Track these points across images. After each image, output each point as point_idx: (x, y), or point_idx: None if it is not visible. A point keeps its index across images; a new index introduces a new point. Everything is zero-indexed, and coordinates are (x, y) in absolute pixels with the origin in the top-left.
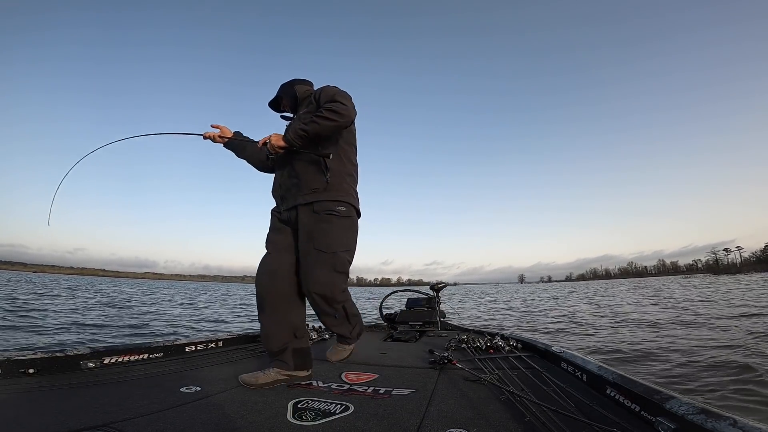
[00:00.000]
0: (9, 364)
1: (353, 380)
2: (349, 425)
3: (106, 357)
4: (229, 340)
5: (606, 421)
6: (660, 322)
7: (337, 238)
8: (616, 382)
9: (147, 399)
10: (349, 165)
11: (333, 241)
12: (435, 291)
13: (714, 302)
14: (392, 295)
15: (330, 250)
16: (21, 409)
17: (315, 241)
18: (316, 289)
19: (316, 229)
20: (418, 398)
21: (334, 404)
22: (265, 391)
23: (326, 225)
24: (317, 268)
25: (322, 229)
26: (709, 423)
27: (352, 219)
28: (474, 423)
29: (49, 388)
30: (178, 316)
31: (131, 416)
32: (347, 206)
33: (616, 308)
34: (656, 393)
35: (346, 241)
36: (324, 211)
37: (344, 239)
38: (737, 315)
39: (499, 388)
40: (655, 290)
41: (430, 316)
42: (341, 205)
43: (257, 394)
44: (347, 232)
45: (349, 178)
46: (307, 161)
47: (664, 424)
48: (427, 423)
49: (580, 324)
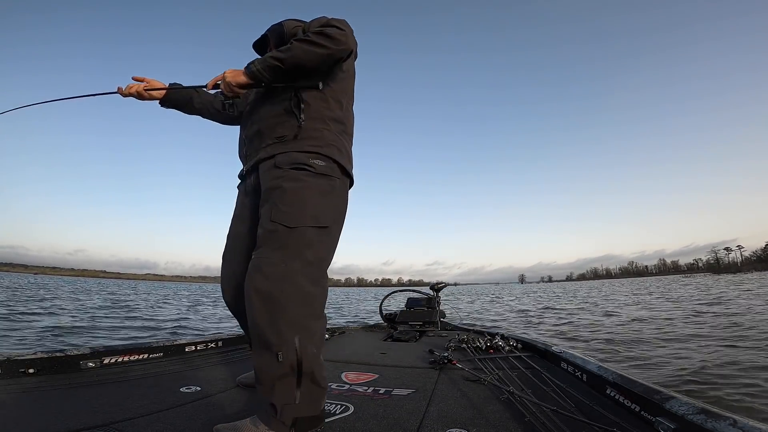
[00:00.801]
0: (9, 364)
1: (353, 380)
2: (349, 425)
3: (106, 357)
4: (229, 340)
5: (606, 421)
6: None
7: (307, 206)
8: (616, 382)
9: (147, 399)
10: (336, 108)
11: (298, 209)
12: (435, 291)
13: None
14: (392, 295)
15: (292, 223)
16: (21, 409)
17: (273, 209)
18: (258, 285)
19: (277, 191)
20: (418, 398)
21: (334, 404)
22: None
23: (292, 184)
24: (268, 250)
25: (285, 190)
26: (709, 423)
27: (334, 181)
28: (474, 423)
29: (49, 388)
30: (180, 317)
31: (131, 416)
32: (326, 161)
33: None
34: (656, 393)
35: (321, 212)
36: (290, 164)
37: (318, 208)
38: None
39: (499, 388)
40: (645, 289)
41: (430, 316)
42: (317, 158)
43: (257, 394)
44: (324, 198)
45: (336, 126)
46: (275, 101)
47: (664, 424)
48: (427, 423)
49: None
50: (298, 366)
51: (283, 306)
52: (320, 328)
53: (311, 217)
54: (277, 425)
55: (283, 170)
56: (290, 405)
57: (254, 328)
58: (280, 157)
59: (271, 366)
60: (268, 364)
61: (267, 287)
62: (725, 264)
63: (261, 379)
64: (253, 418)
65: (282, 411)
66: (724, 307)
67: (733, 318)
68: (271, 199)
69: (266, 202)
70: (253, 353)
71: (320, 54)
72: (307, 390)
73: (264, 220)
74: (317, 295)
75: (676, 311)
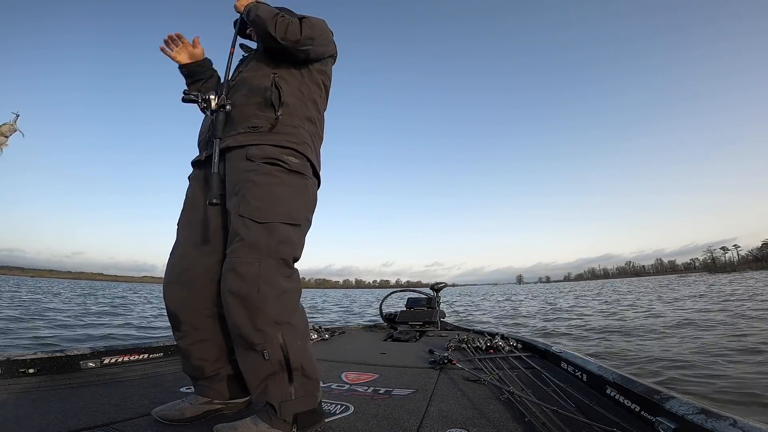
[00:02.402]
0: (9, 364)
1: (353, 380)
2: (349, 425)
3: (106, 357)
4: None
5: (606, 421)
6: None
7: (280, 202)
8: (616, 382)
9: (147, 399)
10: (312, 108)
11: (269, 204)
12: (435, 291)
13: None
14: (392, 295)
15: (262, 218)
16: (21, 409)
17: (243, 203)
18: (232, 286)
19: (247, 184)
20: (418, 398)
21: (334, 404)
22: None
23: (264, 179)
24: (240, 249)
25: (257, 184)
26: (709, 423)
27: (307, 180)
28: (474, 423)
29: (49, 388)
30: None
31: (131, 416)
32: (300, 158)
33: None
34: (656, 393)
35: (294, 209)
36: (264, 158)
37: (291, 205)
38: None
39: (499, 388)
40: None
41: (430, 316)
42: (292, 154)
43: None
44: (297, 196)
45: (309, 125)
46: (253, 90)
47: (664, 424)
48: (427, 423)
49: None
50: (286, 362)
51: (261, 305)
52: (301, 322)
53: (283, 213)
54: (279, 423)
55: (255, 163)
56: (287, 402)
57: (235, 329)
58: (252, 149)
59: (259, 365)
60: (255, 364)
61: (243, 288)
62: (721, 264)
63: (251, 381)
64: (253, 418)
65: (281, 408)
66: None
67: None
68: (241, 193)
69: (234, 195)
70: (238, 356)
71: (273, 36)
72: (300, 384)
73: (233, 215)
74: (292, 290)
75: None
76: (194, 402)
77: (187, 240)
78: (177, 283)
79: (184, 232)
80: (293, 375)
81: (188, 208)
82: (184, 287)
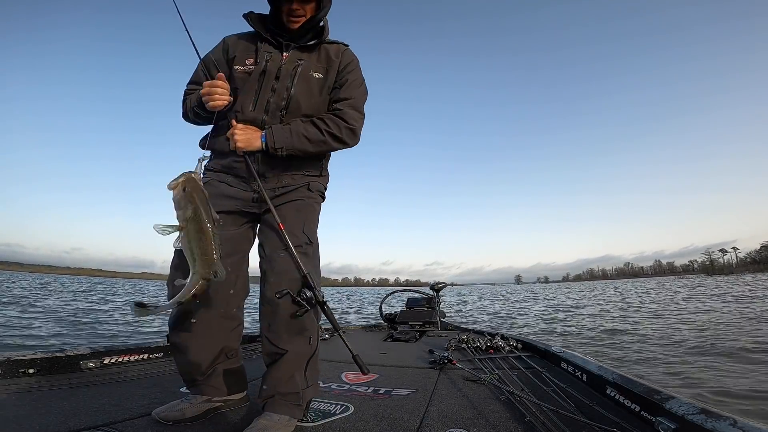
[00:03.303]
0: (9, 364)
1: (353, 380)
2: (349, 425)
3: (106, 357)
4: None
5: (606, 421)
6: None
7: (316, 228)
8: (616, 382)
9: (147, 399)
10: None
11: (316, 228)
12: (435, 291)
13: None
14: (392, 295)
15: (313, 238)
16: (21, 408)
17: (306, 223)
18: (290, 285)
19: (308, 208)
20: (418, 398)
21: (334, 404)
22: None
23: (317, 208)
24: (300, 257)
25: (314, 211)
26: (709, 423)
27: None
28: (474, 423)
29: (49, 388)
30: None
31: (131, 416)
32: (324, 195)
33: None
34: (656, 393)
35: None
36: (317, 191)
37: (316, 231)
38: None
39: (499, 388)
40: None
41: (430, 316)
42: (324, 191)
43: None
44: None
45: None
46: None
47: (664, 424)
48: (427, 423)
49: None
50: (316, 348)
51: (315, 303)
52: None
53: (316, 237)
54: (297, 411)
55: (314, 194)
56: (307, 389)
57: (292, 320)
58: (313, 182)
59: (304, 349)
60: (301, 348)
61: (295, 286)
62: (719, 265)
63: (288, 368)
64: (267, 415)
65: (303, 396)
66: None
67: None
68: (303, 213)
69: (297, 212)
70: (287, 341)
71: (333, 148)
72: (312, 373)
73: (295, 228)
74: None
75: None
76: (194, 401)
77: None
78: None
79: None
80: (309, 364)
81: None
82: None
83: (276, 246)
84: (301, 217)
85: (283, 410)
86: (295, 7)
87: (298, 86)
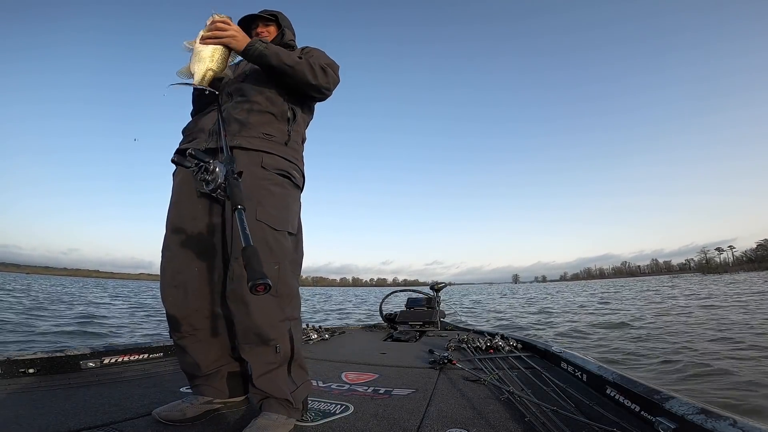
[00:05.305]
0: (9, 364)
1: (353, 380)
2: (349, 425)
3: (105, 357)
4: None
5: (606, 421)
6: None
7: (289, 214)
8: (616, 382)
9: (147, 399)
10: (304, 132)
11: (283, 214)
12: (435, 291)
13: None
14: (391, 295)
15: (278, 225)
16: (21, 408)
17: (259, 209)
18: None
19: (263, 191)
20: (418, 398)
21: (334, 404)
22: None
23: (278, 190)
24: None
25: (273, 194)
26: (709, 423)
27: (299, 194)
28: (474, 423)
29: (49, 388)
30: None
31: (131, 416)
32: (300, 174)
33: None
34: (656, 393)
35: (294, 221)
36: (276, 169)
37: (294, 218)
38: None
39: (499, 388)
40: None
41: (430, 316)
42: (296, 170)
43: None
44: (297, 210)
45: (301, 148)
46: (271, 100)
47: (664, 424)
48: (427, 423)
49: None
50: (291, 354)
51: (279, 305)
52: (300, 316)
53: (291, 225)
54: (294, 412)
55: (269, 173)
56: (296, 390)
57: (252, 327)
58: (267, 158)
59: (269, 358)
60: (265, 357)
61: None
62: (715, 264)
63: (258, 373)
64: (265, 414)
65: (294, 398)
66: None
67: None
68: (255, 199)
69: (247, 200)
70: (248, 351)
71: (314, 85)
72: (298, 373)
73: (251, 218)
74: (298, 290)
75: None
76: (195, 402)
77: (178, 247)
78: (172, 286)
79: (175, 237)
80: (292, 366)
81: (177, 208)
82: (180, 290)
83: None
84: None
85: (280, 410)
86: (260, 30)
87: (252, 70)
